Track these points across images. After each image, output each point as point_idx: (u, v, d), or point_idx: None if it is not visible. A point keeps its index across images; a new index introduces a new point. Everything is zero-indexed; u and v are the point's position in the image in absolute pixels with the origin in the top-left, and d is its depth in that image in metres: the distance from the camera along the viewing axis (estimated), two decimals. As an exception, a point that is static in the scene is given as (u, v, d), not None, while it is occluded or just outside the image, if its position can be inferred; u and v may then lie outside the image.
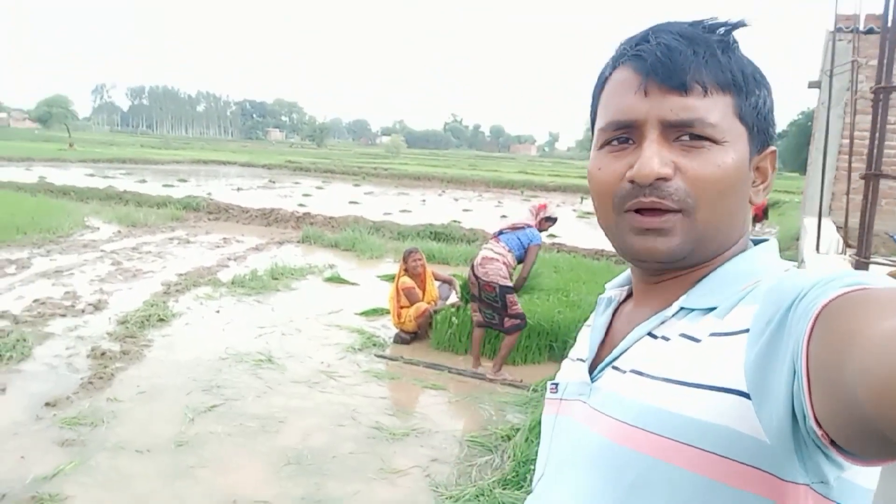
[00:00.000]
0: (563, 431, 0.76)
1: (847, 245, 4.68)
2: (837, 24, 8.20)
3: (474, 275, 5.15)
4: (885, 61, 2.79)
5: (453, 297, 6.65)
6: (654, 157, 0.64)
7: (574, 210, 21.54)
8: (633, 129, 0.67)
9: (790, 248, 11.24)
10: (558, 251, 10.34)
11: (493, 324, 5.19)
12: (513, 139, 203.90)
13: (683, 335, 0.65)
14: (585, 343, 0.81)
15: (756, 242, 0.73)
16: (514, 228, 5.37)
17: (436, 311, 6.12)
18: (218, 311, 6.66)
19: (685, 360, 0.62)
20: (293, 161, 40.31)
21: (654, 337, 0.69)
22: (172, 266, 8.61)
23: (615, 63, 0.70)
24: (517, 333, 5.19)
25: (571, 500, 0.69)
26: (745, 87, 0.66)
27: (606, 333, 0.78)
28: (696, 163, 0.65)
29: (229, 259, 9.37)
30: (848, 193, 4.86)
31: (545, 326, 5.61)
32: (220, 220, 13.52)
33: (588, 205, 23.62)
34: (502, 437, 4.07)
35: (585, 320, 0.89)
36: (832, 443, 0.50)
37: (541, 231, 5.50)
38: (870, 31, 7.86)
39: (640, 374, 0.66)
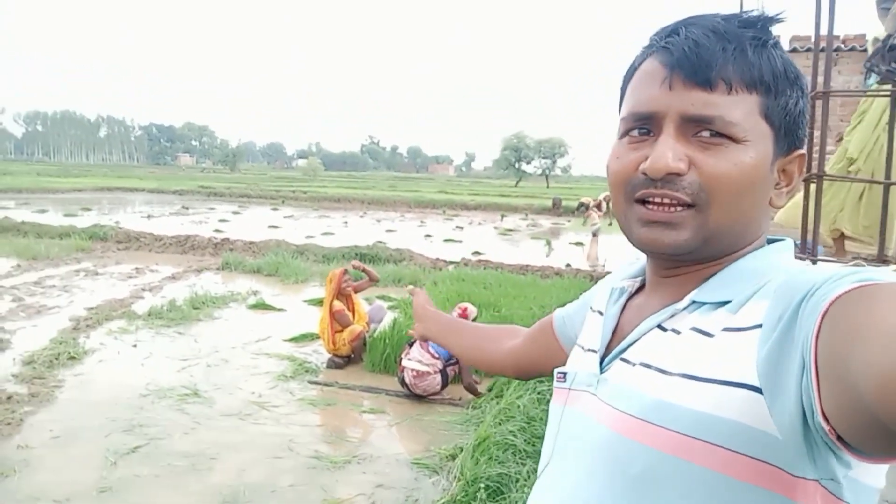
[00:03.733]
0: (571, 422, 0.75)
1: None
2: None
3: (405, 382, 5.07)
4: (817, 69, 2.98)
5: (387, 319, 6.56)
6: (668, 152, 0.64)
7: (495, 228, 21.86)
8: (653, 121, 0.67)
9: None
10: (485, 268, 10.42)
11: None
12: (430, 159, 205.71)
13: (695, 329, 0.64)
14: (596, 332, 0.79)
15: (771, 241, 0.72)
16: None
17: (369, 334, 6.01)
18: (135, 346, 6.26)
19: (698, 355, 0.62)
20: (206, 186, 38.93)
21: (664, 329, 0.68)
22: (81, 300, 8.05)
23: (645, 53, 0.70)
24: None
25: (576, 490, 0.69)
26: (775, 87, 0.65)
27: (617, 324, 0.77)
28: (713, 160, 0.64)
29: (144, 290, 8.87)
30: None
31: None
32: (130, 250, 12.81)
33: (508, 222, 24.08)
34: (447, 456, 4.01)
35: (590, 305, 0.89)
36: (839, 439, 0.50)
37: None
38: (793, 51, 8.42)
39: (649, 366, 0.66)
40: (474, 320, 5.57)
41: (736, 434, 0.56)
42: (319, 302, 8.24)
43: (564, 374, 0.80)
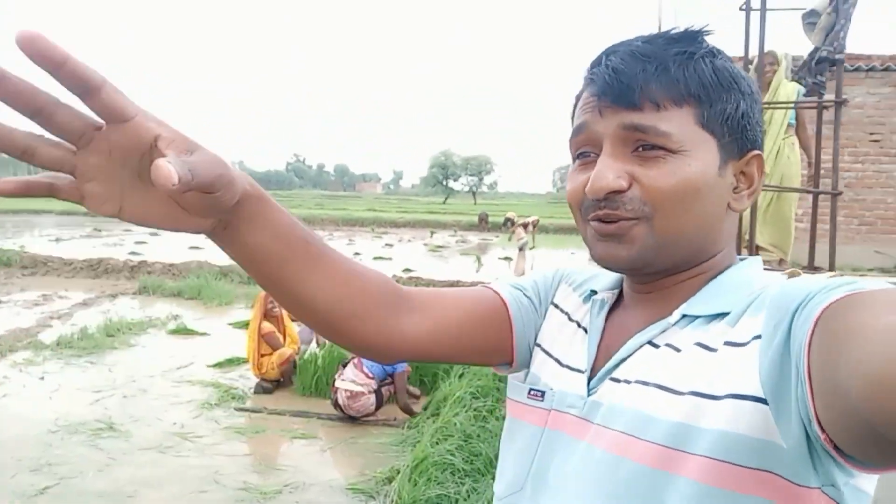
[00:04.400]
0: (557, 446, 0.71)
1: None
2: None
3: (340, 405, 4.94)
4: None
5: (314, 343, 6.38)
6: (607, 172, 0.65)
7: (425, 244, 21.86)
8: (593, 146, 0.69)
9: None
10: (416, 285, 10.35)
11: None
12: (357, 178, 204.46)
13: (699, 344, 0.63)
14: (580, 349, 0.75)
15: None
16: None
17: (300, 356, 5.82)
18: (42, 378, 5.82)
19: (705, 372, 0.61)
20: (121, 207, 37.09)
21: (656, 346, 0.67)
22: (-20, 330, 7.44)
23: (584, 84, 0.72)
24: (403, 374, 5.10)
25: None
26: (707, 96, 0.65)
27: (600, 340, 0.75)
28: (652, 172, 0.65)
29: (52, 318, 8.29)
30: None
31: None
32: (37, 275, 11.99)
33: (438, 238, 24.17)
34: (384, 480, 3.90)
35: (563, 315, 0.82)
36: (836, 448, 0.50)
37: None
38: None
39: (647, 384, 0.64)
40: None
41: (747, 449, 0.56)
42: (246, 325, 7.95)
43: (542, 392, 0.76)
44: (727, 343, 0.61)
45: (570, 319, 0.80)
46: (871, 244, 8.48)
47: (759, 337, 0.58)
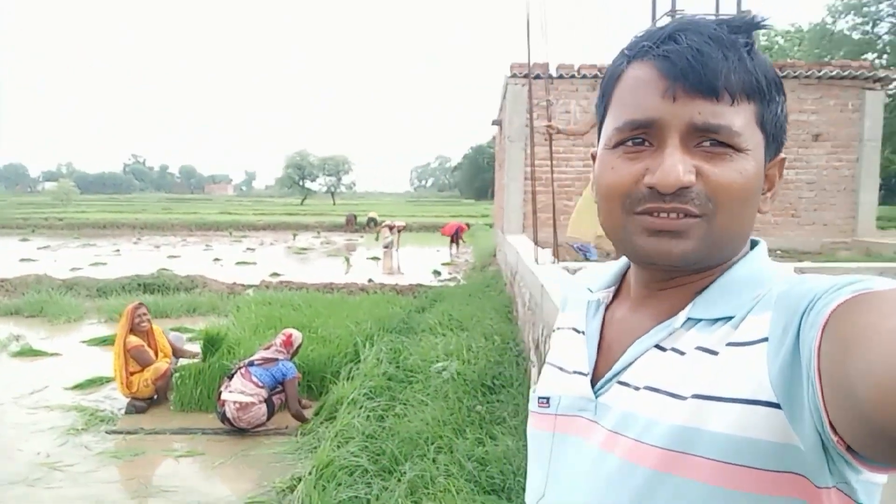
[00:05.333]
0: (568, 450, 0.71)
1: (554, 255, 5.48)
2: (513, 70, 9.65)
3: (228, 418, 4.73)
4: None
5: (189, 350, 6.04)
6: (678, 165, 0.61)
7: (289, 247, 21.27)
8: (653, 132, 0.64)
9: (490, 265, 12.73)
10: (288, 289, 10.09)
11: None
12: (206, 179, 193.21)
13: (700, 348, 0.62)
14: (578, 352, 0.75)
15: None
16: (266, 362, 5.01)
17: (176, 370, 5.48)
18: None
19: (708, 375, 0.60)
20: (-75, 216, 32.40)
21: (663, 349, 0.65)
22: None
23: (629, 58, 0.66)
24: (293, 381, 4.97)
25: None
26: (769, 94, 0.64)
27: (600, 341, 0.73)
28: (718, 169, 0.62)
29: None
30: (535, 213, 5.71)
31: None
32: None
33: (301, 240, 23.58)
34: (285, 489, 3.81)
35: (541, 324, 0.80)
36: (849, 449, 0.50)
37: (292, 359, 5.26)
38: (537, 77, 9.38)
39: (657, 390, 0.63)
40: (299, 346, 5.37)
41: (766, 453, 0.55)
42: (104, 341, 7.33)
43: (546, 398, 0.76)
44: (730, 344, 0.60)
45: (569, 329, 0.79)
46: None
47: (765, 339, 0.57)
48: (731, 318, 0.62)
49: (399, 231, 18.90)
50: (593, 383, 0.70)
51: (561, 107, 6.94)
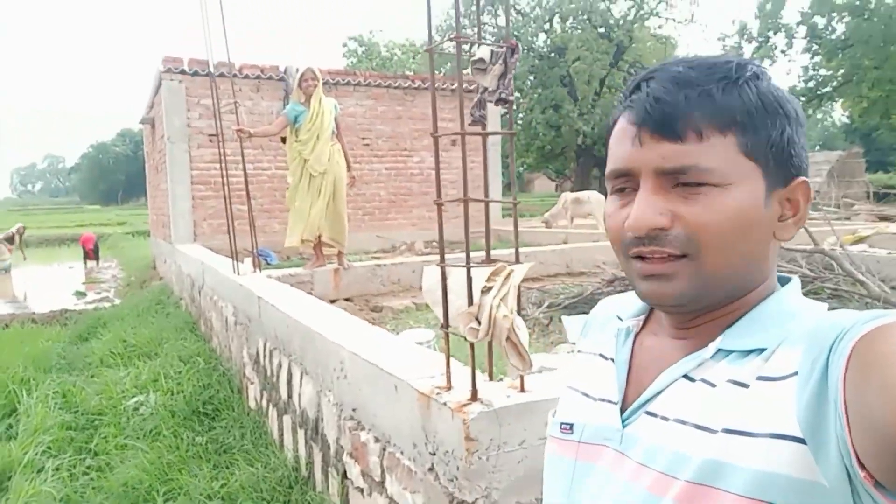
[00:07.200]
0: (591, 479, 0.71)
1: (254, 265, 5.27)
2: (166, 65, 8.85)
3: None
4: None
5: None
6: (646, 210, 0.64)
7: None
8: (631, 179, 0.67)
9: (151, 279, 11.51)
10: None
11: None
12: None
13: (731, 381, 0.62)
14: (605, 379, 0.75)
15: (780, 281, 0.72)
16: None
17: None
18: None
19: (738, 408, 0.60)
20: None
21: (692, 380, 0.66)
22: None
23: (619, 111, 0.70)
24: None
25: None
26: (752, 123, 0.63)
27: (629, 369, 0.74)
28: (695, 209, 0.63)
29: None
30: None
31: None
32: None
33: None
34: None
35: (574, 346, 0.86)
36: (876, 485, 0.50)
37: None
38: (195, 74, 8.78)
39: (685, 423, 0.63)
40: None
41: (791, 489, 0.55)
42: None
43: (570, 424, 0.76)
44: (760, 378, 0.60)
45: (595, 355, 0.80)
46: (372, 230, 10.24)
47: (795, 374, 0.57)
48: (762, 350, 0.62)
49: (20, 235, 15.75)
50: (621, 412, 0.71)
51: (224, 107, 6.61)
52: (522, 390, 1.85)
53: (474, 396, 1.78)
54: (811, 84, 23.75)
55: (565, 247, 7.48)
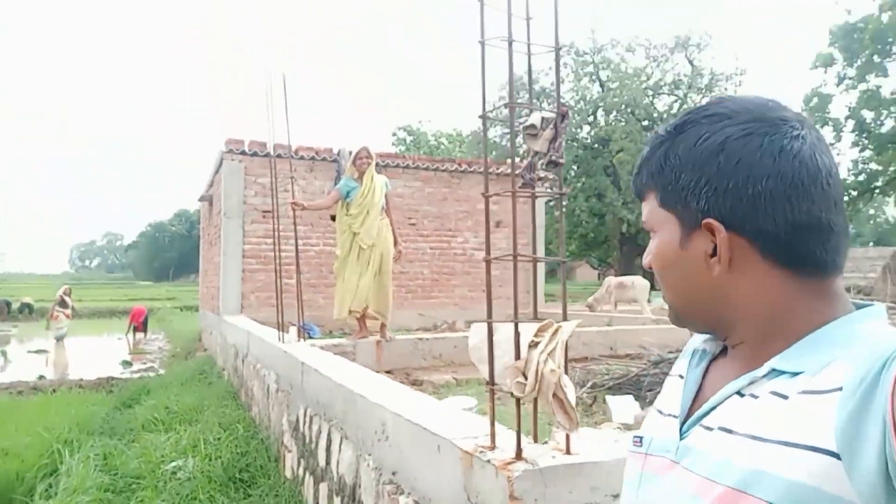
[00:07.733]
0: (652, 489, 0.76)
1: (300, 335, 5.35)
2: (228, 146, 9.38)
3: None
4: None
5: None
6: (647, 254, 0.80)
7: None
8: None
9: (196, 350, 11.71)
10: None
11: None
12: None
13: (773, 392, 0.66)
14: (676, 397, 0.80)
15: (858, 307, 0.72)
16: None
17: None
18: None
19: (774, 418, 0.63)
20: None
21: (742, 395, 0.70)
22: None
23: None
24: None
25: None
26: (660, 180, 0.75)
27: (699, 388, 0.79)
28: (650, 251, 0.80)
29: None
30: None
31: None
32: None
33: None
34: None
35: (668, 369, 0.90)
36: None
37: None
38: (254, 154, 9.26)
39: (731, 432, 0.67)
40: None
41: (815, 500, 0.57)
42: None
43: (640, 437, 0.81)
44: (803, 392, 0.62)
45: (676, 376, 0.86)
46: (415, 308, 10.28)
47: (839, 389, 0.58)
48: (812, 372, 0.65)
49: (67, 295, 16.24)
50: (681, 426, 0.76)
51: (280, 185, 6.93)
52: (568, 452, 1.80)
53: (519, 455, 1.74)
54: (861, 178, 23.40)
55: (609, 328, 7.36)
